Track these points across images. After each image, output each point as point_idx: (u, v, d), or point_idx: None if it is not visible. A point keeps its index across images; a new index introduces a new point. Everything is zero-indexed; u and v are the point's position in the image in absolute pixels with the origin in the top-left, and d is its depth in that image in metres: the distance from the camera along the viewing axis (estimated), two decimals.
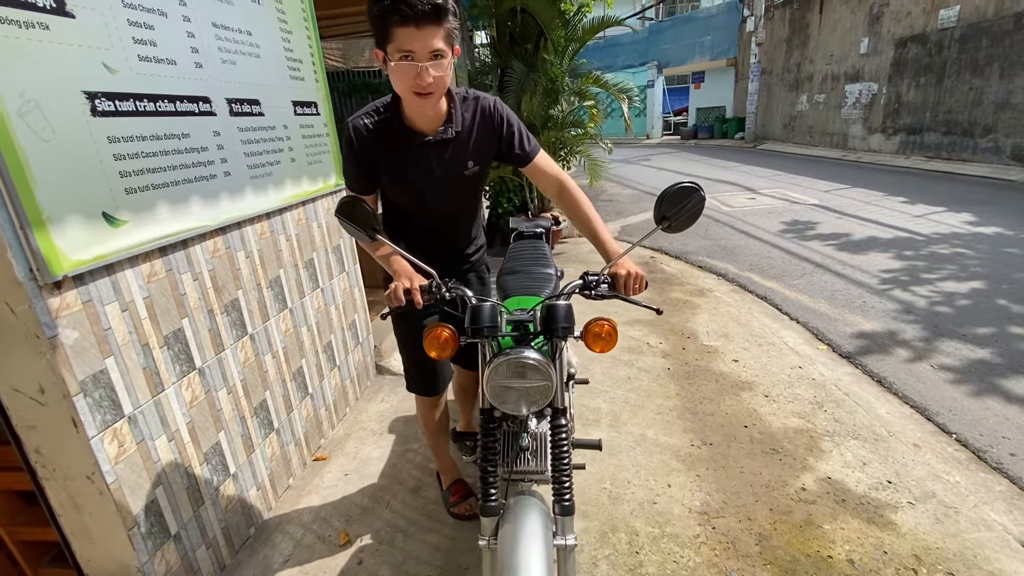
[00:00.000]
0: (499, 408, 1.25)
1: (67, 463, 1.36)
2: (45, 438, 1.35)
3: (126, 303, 1.44)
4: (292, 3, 2.25)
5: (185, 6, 1.65)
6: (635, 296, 1.29)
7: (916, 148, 10.80)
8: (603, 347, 1.23)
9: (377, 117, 1.41)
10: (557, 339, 1.23)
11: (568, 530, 1.23)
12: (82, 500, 1.41)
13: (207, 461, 1.74)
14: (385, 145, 1.41)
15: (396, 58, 1.20)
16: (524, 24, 5.52)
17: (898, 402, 2.59)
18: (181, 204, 1.60)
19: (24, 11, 1.17)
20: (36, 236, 1.18)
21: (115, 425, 1.40)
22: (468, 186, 1.55)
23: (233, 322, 1.88)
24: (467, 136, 1.45)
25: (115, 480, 1.39)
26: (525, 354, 1.17)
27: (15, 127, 1.14)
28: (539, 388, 1.19)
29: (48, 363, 1.25)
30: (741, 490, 2.02)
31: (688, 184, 1.13)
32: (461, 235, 1.69)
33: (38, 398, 1.30)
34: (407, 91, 1.26)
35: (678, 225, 1.18)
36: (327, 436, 2.52)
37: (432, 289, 1.27)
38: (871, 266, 4.49)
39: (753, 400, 2.63)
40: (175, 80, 1.59)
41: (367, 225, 1.23)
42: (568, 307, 1.21)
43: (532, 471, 1.38)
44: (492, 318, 1.20)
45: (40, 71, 1.20)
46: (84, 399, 1.31)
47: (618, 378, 2.91)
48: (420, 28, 1.15)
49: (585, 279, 1.30)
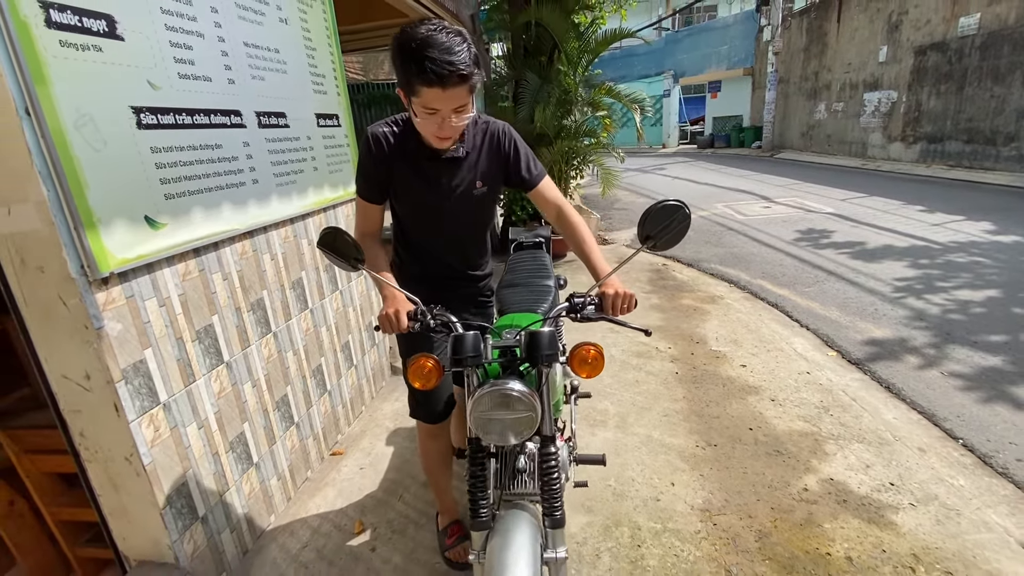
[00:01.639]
0: (484, 440, 1.24)
1: (108, 446, 1.49)
2: (89, 422, 1.47)
3: (163, 299, 1.57)
4: (317, 22, 2.39)
5: (220, 27, 1.79)
6: (623, 316, 1.29)
7: (937, 157, 10.65)
8: (589, 372, 1.21)
9: (396, 129, 1.46)
10: (542, 367, 1.21)
11: (559, 543, 1.24)
12: (120, 481, 1.53)
13: (232, 450, 1.85)
14: (400, 157, 1.45)
15: (421, 109, 1.23)
16: (538, 37, 5.66)
17: (906, 408, 2.60)
18: (213, 209, 1.74)
19: (81, 35, 1.31)
20: (88, 236, 1.31)
21: (152, 411, 1.52)
22: (476, 207, 1.56)
23: (258, 320, 2.01)
24: (476, 157, 1.49)
25: (151, 462, 1.51)
26: (508, 385, 1.15)
27: (71, 138, 1.28)
28: (524, 419, 1.18)
29: (95, 352, 1.38)
30: (743, 489, 2.07)
31: (672, 202, 1.12)
32: (466, 257, 1.67)
33: (84, 384, 1.43)
34: (429, 135, 1.32)
35: (663, 244, 1.16)
36: (344, 432, 2.63)
37: (417, 316, 1.29)
38: (885, 274, 4.48)
39: (759, 404, 2.67)
40: (210, 95, 1.73)
41: (349, 256, 1.23)
42: (551, 334, 1.19)
43: (529, 493, 1.37)
44: (475, 347, 1.18)
45: (94, 88, 1.34)
46: (125, 386, 1.43)
47: (626, 381, 2.97)
48: (446, 90, 1.17)
49: (572, 301, 1.29)
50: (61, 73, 1.25)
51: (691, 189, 10.27)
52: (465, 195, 1.50)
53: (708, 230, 6.75)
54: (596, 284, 1.33)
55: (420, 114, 1.25)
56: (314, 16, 2.40)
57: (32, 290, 1.35)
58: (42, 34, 1.21)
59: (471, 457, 1.30)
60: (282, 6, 2.15)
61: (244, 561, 1.87)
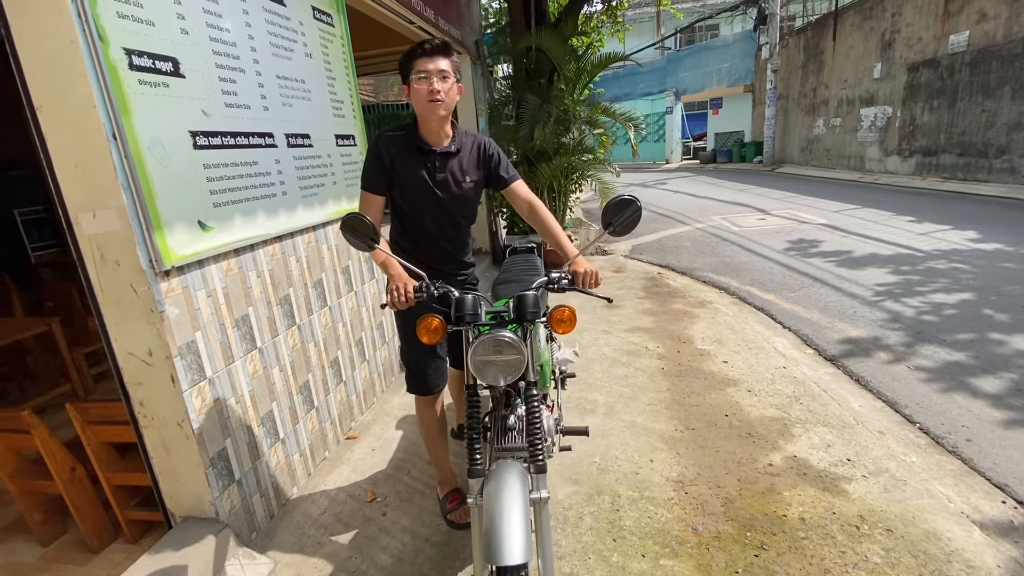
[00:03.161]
0: (481, 380, 1.50)
1: (163, 412, 1.77)
2: (148, 392, 1.76)
3: (210, 291, 1.86)
4: (336, 55, 2.73)
5: (258, 63, 2.12)
6: (591, 289, 1.61)
7: (932, 169, 10.88)
8: (564, 329, 1.51)
9: (400, 132, 1.81)
10: (527, 323, 1.51)
11: (542, 486, 1.47)
12: (172, 444, 1.81)
13: (263, 424, 2.13)
14: (403, 152, 1.75)
15: (415, 79, 1.65)
16: (538, 60, 6.02)
17: (871, 397, 2.83)
18: (251, 216, 2.04)
19: (154, 75, 1.63)
20: (156, 236, 1.61)
21: (200, 384, 1.81)
22: (463, 199, 1.84)
23: (285, 313, 2.30)
24: (466, 156, 1.83)
25: (199, 427, 1.79)
26: (501, 332, 1.42)
27: (146, 158, 1.59)
28: (513, 362, 1.45)
29: (157, 331, 1.67)
30: (715, 465, 2.31)
31: (627, 197, 1.44)
32: (456, 247, 1.93)
33: (146, 359, 1.72)
34: (423, 101, 1.66)
35: (621, 229, 1.47)
36: (357, 419, 2.90)
37: (423, 288, 1.55)
38: (867, 280, 4.71)
39: (736, 394, 2.91)
40: (249, 120, 2.05)
41: (366, 236, 1.46)
42: (535, 296, 1.48)
43: (517, 448, 1.58)
44: (474, 307, 1.46)
45: (162, 117, 1.65)
46: (180, 361, 1.72)
47: (615, 376, 3.22)
48: (432, 57, 1.64)
49: (550, 277, 1.61)
50: (140, 105, 1.57)
51: (691, 203, 10.56)
52: (456, 185, 1.81)
53: (704, 241, 7.01)
54: (568, 263, 1.63)
55: (415, 83, 1.65)
56: (334, 49, 2.74)
57: (108, 281, 1.65)
58: (127, 75, 1.53)
59: (468, 402, 1.56)
60: (308, 42, 2.49)
61: (272, 523, 2.13)
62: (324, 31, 2.64)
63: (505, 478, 1.41)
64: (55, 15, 1.42)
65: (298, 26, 2.41)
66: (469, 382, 1.57)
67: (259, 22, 2.14)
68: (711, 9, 20.39)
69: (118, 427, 1.99)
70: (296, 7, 2.41)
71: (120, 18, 1.52)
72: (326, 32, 2.65)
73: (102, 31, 1.46)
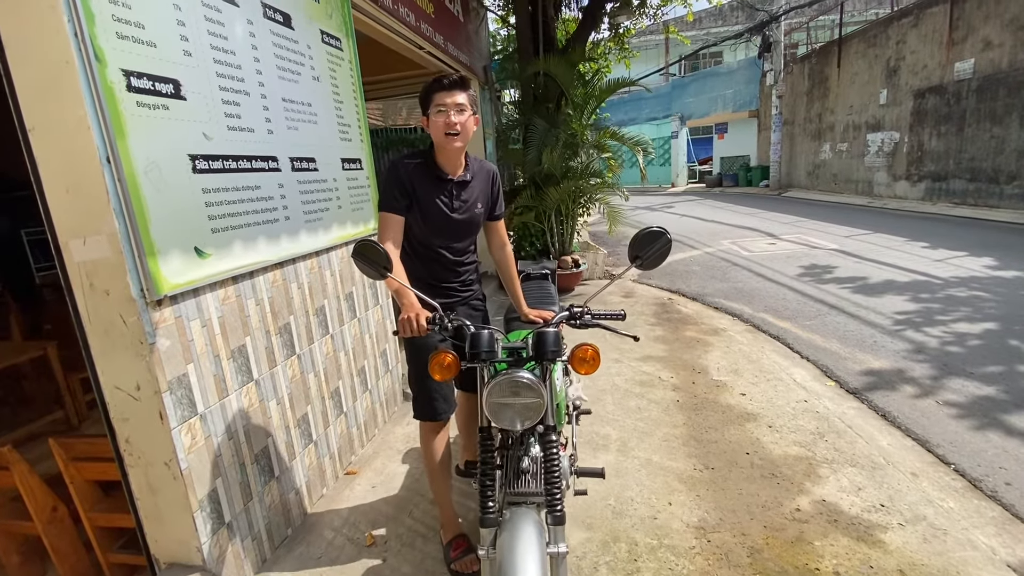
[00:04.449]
0: (496, 424, 1.40)
1: (150, 451, 1.66)
2: (135, 429, 1.65)
3: (205, 320, 1.77)
4: (344, 79, 2.69)
5: (263, 86, 2.07)
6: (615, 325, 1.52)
7: (942, 195, 10.79)
8: (587, 369, 1.42)
9: (419, 160, 1.81)
10: (547, 362, 1.41)
11: (560, 539, 1.35)
12: (158, 484, 1.69)
13: (257, 462, 2.01)
14: (421, 180, 1.78)
15: (434, 112, 1.69)
16: (546, 85, 6.04)
17: (900, 434, 2.68)
18: (251, 242, 1.96)
19: (153, 97, 1.57)
20: (149, 264, 1.53)
21: (190, 420, 1.70)
22: (474, 224, 1.92)
23: (284, 343, 2.20)
24: (477, 183, 1.89)
25: (187, 467, 1.67)
26: (520, 373, 1.33)
27: (141, 182, 1.51)
28: (532, 405, 1.35)
29: (146, 364, 1.57)
30: (738, 509, 2.16)
31: (656, 229, 1.36)
32: (465, 267, 1.97)
33: (134, 394, 1.62)
34: (440, 134, 1.70)
35: (649, 263, 1.38)
36: (357, 453, 2.76)
37: (436, 320, 1.47)
38: (886, 308, 4.57)
39: (757, 430, 2.76)
40: (252, 143, 1.99)
41: (379, 264, 1.40)
42: (556, 334, 1.39)
43: (532, 492, 1.47)
44: (490, 344, 1.38)
45: (160, 140, 1.58)
46: (170, 396, 1.62)
47: (629, 408, 3.09)
48: (450, 91, 1.69)
49: (571, 311, 1.52)
50: (136, 128, 1.50)
51: (698, 226, 10.49)
52: (470, 211, 1.87)
53: (714, 266, 6.90)
54: (590, 298, 1.54)
55: (433, 115, 1.70)
56: (342, 73, 2.70)
57: (96, 310, 1.56)
58: (124, 97, 1.47)
59: (481, 446, 1.45)
60: (315, 66, 2.45)
61: (264, 568, 1.99)
62: (332, 55, 2.61)
63: (521, 530, 1.30)
64: (51, 35, 1.36)
65: (306, 49, 2.37)
66: (483, 424, 1.47)
67: (266, 45, 2.10)
68: (715, 37, 20.68)
69: (103, 464, 1.87)
70: (305, 31, 2.37)
71: (120, 39, 1.46)
72: (334, 56, 2.62)
73: (99, 51, 1.40)
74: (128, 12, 1.49)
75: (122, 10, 1.48)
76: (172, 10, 1.64)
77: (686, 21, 12.12)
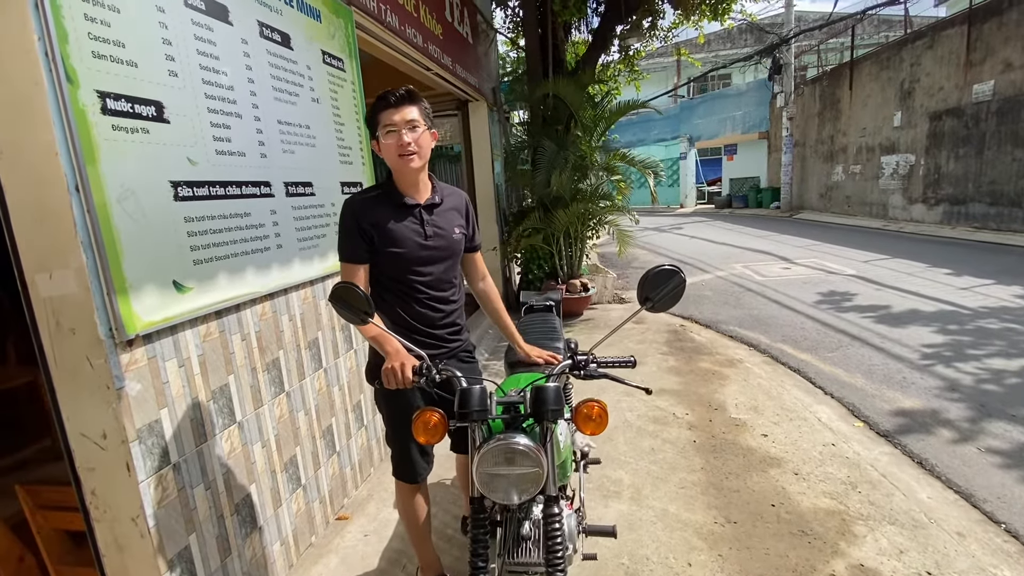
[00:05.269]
0: (489, 497, 1.22)
1: (117, 505, 1.50)
2: (101, 480, 1.49)
3: (183, 360, 1.62)
4: (346, 101, 2.59)
5: (257, 108, 1.96)
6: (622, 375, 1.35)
7: (961, 219, 10.54)
8: (593, 429, 1.24)
9: (373, 192, 1.63)
10: (547, 422, 1.24)
11: None
12: (125, 541, 1.52)
13: (237, 512, 1.84)
14: (382, 211, 1.57)
15: (384, 133, 1.51)
16: (555, 107, 5.96)
17: (941, 486, 2.45)
18: (238, 273, 1.82)
19: (132, 120, 1.45)
20: (118, 301, 1.39)
21: (162, 471, 1.54)
22: (456, 251, 1.69)
23: (272, 380, 2.05)
24: (450, 208, 1.69)
25: (156, 524, 1.51)
26: (514, 439, 1.16)
27: (113, 212, 1.39)
28: (529, 475, 1.18)
29: (113, 412, 1.42)
30: (766, 573, 1.94)
31: (669, 267, 1.21)
32: (450, 309, 1.70)
33: (100, 443, 1.46)
34: (394, 156, 1.52)
35: (660, 305, 1.23)
36: (351, 495, 2.58)
37: (423, 370, 1.32)
38: (912, 340, 4.35)
39: (782, 477, 2.55)
40: (243, 168, 1.87)
41: (359, 309, 1.27)
42: (557, 389, 1.22)
43: (532, 563, 1.31)
44: (482, 401, 1.21)
45: (138, 166, 1.46)
46: (139, 445, 1.47)
47: (642, 449, 2.89)
48: (398, 108, 1.50)
49: (574, 359, 1.35)
50: (110, 154, 1.38)
51: (709, 249, 10.31)
52: (446, 237, 1.65)
53: (726, 291, 6.70)
54: (595, 344, 1.36)
55: (384, 137, 1.52)
56: (344, 94, 2.60)
57: (62, 350, 1.42)
58: (97, 120, 1.35)
59: (473, 519, 1.28)
60: (315, 87, 2.35)
61: None
62: (334, 75, 2.51)
63: None
64: (20, 54, 1.25)
65: (305, 70, 2.27)
66: (474, 495, 1.28)
67: (261, 66, 1.99)
68: (724, 59, 20.75)
69: (72, 514, 1.72)
70: (304, 51, 2.28)
71: (96, 58, 1.35)
72: (336, 77, 2.52)
73: (71, 72, 1.29)
74: (107, 30, 1.38)
75: (100, 28, 1.37)
76: (157, 28, 1.54)
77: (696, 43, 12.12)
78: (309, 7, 2.31)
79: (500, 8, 7.80)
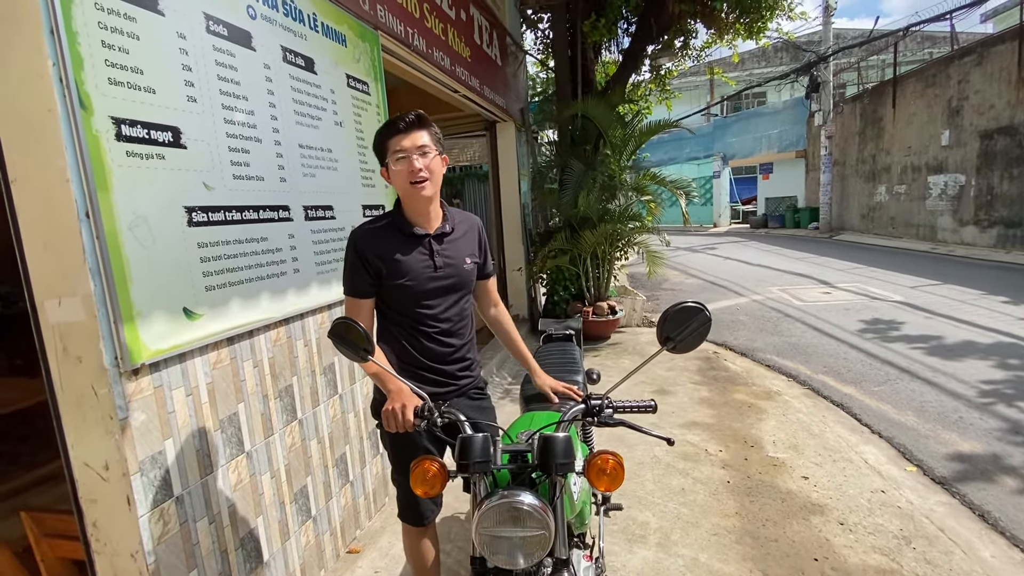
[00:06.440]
0: (491, 560, 1.11)
1: (117, 539, 1.45)
2: (103, 512, 1.45)
3: (191, 388, 1.58)
4: (370, 124, 2.58)
5: (278, 132, 1.95)
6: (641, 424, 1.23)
7: (1017, 242, 9.90)
8: (608, 485, 1.11)
9: (380, 223, 1.55)
10: (556, 477, 1.12)
11: None
12: None
13: (242, 546, 1.77)
14: (390, 242, 1.51)
15: (394, 160, 1.45)
16: (584, 128, 5.90)
17: (1006, 543, 2.19)
18: (252, 299, 1.79)
19: (147, 146, 1.44)
20: (125, 329, 1.36)
21: (164, 504, 1.49)
22: (468, 282, 1.61)
23: (285, 407, 1.99)
24: (463, 235, 1.62)
25: (154, 561, 1.45)
26: (518, 497, 1.05)
27: (124, 239, 1.36)
28: (535, 538, 1.06)
29: (116, 442, 1.38)
30: None
31: (692, 304, 1.09)
32: (462, 343, 1.63)
33: (102, 474, 1.42)
34: (405, 184, 1.46)
35: (683, 346, 1.12)
36: (363, 527, 2.50)
37: (424, 412, 1.24)
38: (968, 375, 4.02)
39: (825, 528, 2.33)
40: (261, 192, 1.84)
41: (359, 346, 1.21)
42: (566, 440, 1.10)
43: None
44: (484, 452, 1.11)
45: (151, 192, 1.44)
46: (140, 478, 1.42)
47: (671, 489, 2.71)
48: (408, 133, 1.44)
49: (588, 403, 1.23)
50: (123, 180, 1.36)
51: (744, 271, 9.98)
52: (456, 268, 1.57)
53: (763, 316, 6.42)
54: (612, 387, 1.25)
55: (394, 164, 1.46)
56: (368, 117, 2.59)
57: (69, 378, 1.39)
58: (111, 146, 1.34)
59: None
60: (338, 110, 2.34)
61: None
62: (358, 99, 2.50)
63: None
64: (35, 80, 1.25)
65: (329, 94, 2.27)
66: (474, 554, 1.17)
67: (283, 90, 1.99)
68: (758, 78, 20.39)
69: (76, 543, 1.68)
70: (328, 75, 2.27)
71: (112, 85, 1.35)
72: (360, 100, 2.51)
73: (85, 98, 1.28)
74: (125, 57, 1.38)
75: (118, 55, 1.36)
76: (177, 55, 1.54)
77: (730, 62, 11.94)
78: (334, 32, 2.32)
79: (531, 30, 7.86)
